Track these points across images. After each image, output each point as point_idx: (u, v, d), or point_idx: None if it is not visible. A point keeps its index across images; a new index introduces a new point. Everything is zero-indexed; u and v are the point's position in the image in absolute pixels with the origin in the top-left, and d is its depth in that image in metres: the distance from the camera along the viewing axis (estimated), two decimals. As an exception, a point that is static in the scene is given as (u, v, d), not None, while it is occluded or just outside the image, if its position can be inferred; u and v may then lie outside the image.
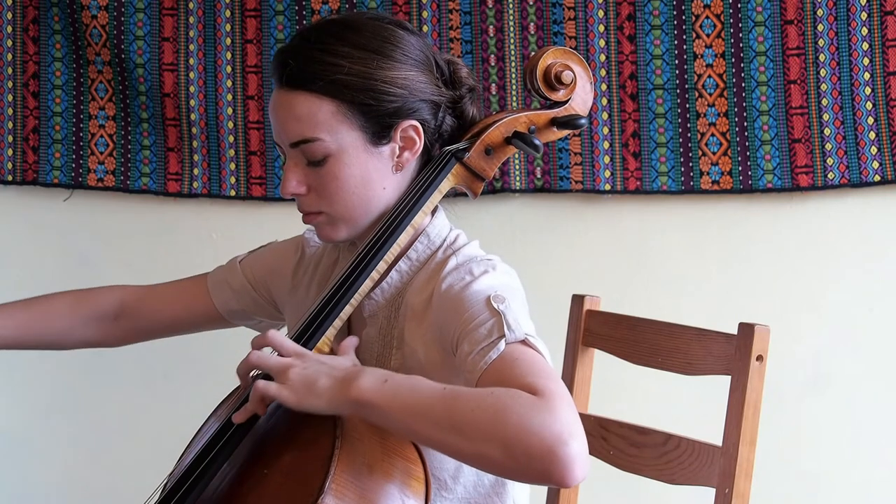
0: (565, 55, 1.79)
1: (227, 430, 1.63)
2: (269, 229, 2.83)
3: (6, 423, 2.92)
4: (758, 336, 1.88)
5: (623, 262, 2.77)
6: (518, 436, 1.44)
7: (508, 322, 1.58)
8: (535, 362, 1.55)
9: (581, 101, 1.81)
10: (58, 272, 2.90)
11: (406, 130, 1.71)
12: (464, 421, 1.47)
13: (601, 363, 2.19)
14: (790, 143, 2.68)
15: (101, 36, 2.79)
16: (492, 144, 1.76)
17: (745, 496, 1.87)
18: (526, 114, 1.78)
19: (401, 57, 1.71)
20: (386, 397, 1.51)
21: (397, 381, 1.53)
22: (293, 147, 1.71)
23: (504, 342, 1.57)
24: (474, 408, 1.47)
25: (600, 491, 2.41)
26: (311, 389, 1.55)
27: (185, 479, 1.62)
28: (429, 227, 1.77)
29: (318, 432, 1.56)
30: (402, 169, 1.73)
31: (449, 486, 1.72)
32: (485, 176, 1.76)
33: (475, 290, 1.63)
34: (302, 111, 1.68)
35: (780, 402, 2.65)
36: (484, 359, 1.56)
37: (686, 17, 2.69)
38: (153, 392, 2.90)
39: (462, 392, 1.50)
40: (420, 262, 1.75)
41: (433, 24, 2.74)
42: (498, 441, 1.45)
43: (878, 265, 2.73)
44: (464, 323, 1.61)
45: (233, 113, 2.80)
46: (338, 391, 1.54)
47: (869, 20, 2.65)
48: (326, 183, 1.71)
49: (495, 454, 1.45)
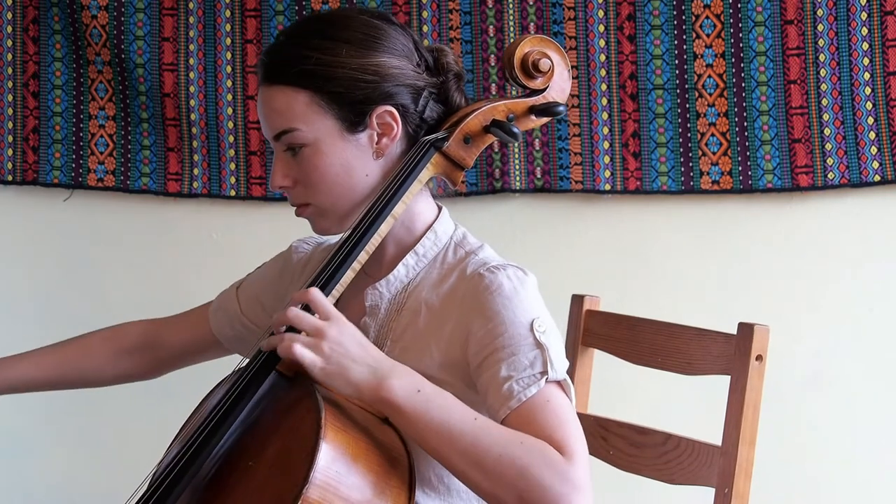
0: (542, 43, 1.80)
1: (213, 419, 1.63)
2: (269, 229, 2.84)
3: (6, 423, 2.92)
4: (757, 336, 1.88)
5: (623, 262, 2.77)
6: (536, 495, 1.52)
7: (552, 359, 1.63)
8: (567, 410, 1.61)
9: (559, 89, 1.82)
10: (58, 272, 2.90)
11: (382, 116, 1.73)
12: (488, 461, 1.53)
13: (601, 363, 2.19)
14: (790, 143, 2.68)
15: (101, 36, 2.79)
16: (470, 133, 1.77)
17: (745, 496, 1.87)
18: (504, 102, 1.79)
19: (374, 45, 1.73)
20: (416, 409, 1.55)
21: (429, 394, 1.56)
22: (276, 140, 1.75)
23: (545, 380, 1.61)
24: (502, 453, 1.53)
25: (600, 491, 2.40)
26: (343, 373, 1.57)
27: (171, 471, 1.62)
28: (436, 223, 1.78)
29: (303, 424, 1.57)
30: (382, 155, 1.75)
31: (434, 485, 1.72)
32: (464, 165, 1.77)
33: (516, 305, 1.65)
34: (279, 104, 1.73)
35: (780, 402, 2.65)
36: (524, 391, 1.60)
37: (686, 17, 2.69)
38: (153, 392, 2.89)
39: (493, 429, 1.55)
40: (427, 258, 1.76)
41: (433, 24, 2.74)
42: (516, 492, 1.52)
43: (878, 265, 2.73)
44: (503, 342, 1.63)
45: (233, 113, 2.80)
46: (368, 384, 1.56)
47: (869, 20, 2.65)
48: (308, 173, 1.73)
49: (508, 499, 1.53)
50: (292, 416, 1.60)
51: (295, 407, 1.60)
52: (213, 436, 1.62)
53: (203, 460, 1.62)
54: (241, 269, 2.87)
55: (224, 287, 2.91)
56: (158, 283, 2.89)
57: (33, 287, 2.92)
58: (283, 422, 1.62)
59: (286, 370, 1.64)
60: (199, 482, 1.62)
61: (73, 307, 2.90)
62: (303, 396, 1.60)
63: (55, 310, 2.91)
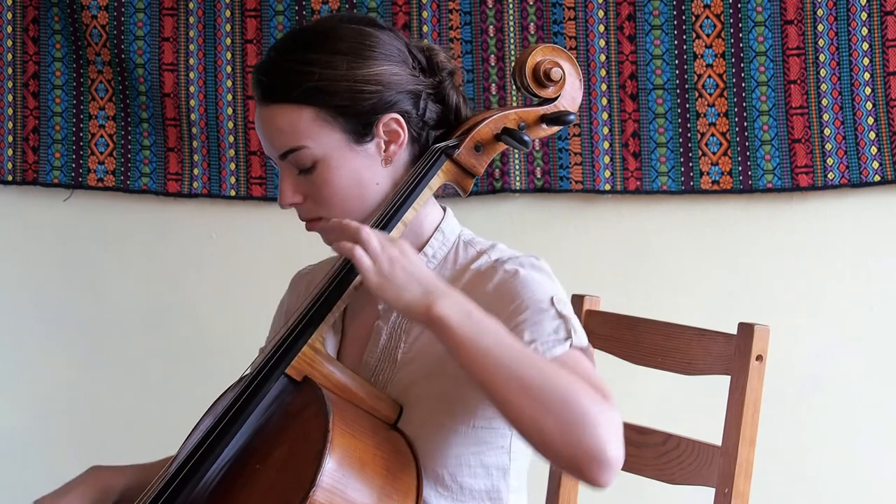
0: (554, 52, 1.80)
1: (221, 423, 1.63)
2: (269, 229, 2.84)
3: (6, 423, 2.92)
4: (757, 336, 1.88)
5: (623, 261, 2.77)
6: (579, 422, 1.50)
7: (575, 328, 1.64)
8: (595, 371, 1.62)
9: (570, 98, 1.82)
10: (58, 272, 2.90)
11: (388, 124, 1.73)
12: (534, 385, 1.52)
13: (601, 363, 2.18)
14: (790, 143, 2.68)
15: (101, 36, 2.79)
16: (482, 141, 1.77)
17: (745, 496, 1.87)
18: (516, 111, 1.79)
19: (370, 54, 1.72)
20: (467, 330, 1.54)
21: (479, 319, 1.55)
22: (282, 159, 1.73)
23: (570, 344, 1.62)
24: (550, 376, 1.52)
25: (600, 491, 2.40)
26: (396, 286, 1.56)
27: (181, 470, 1.62)
28: (442, 224, 1.79)
29: (310, 427, 1.57)
30: (391, 162, 1.75)
31: (446, 484, 1.72)
32: (475, 173, 1.77)
33: (536, 286, 1.67)
34: (283, 123, 1.70)
35: (780, 402, 2.65)
36: (549, 351, 1.61)
37: (686, 17, 2.69)
38: (153, 392, 2.90)
39: (539, 359, 1.55)
40: (437, 259, 1.77)
41: (433, 24, 2.74)
42: (559, 418, 1.50)
43: (878, 265, 2.73)
44: (526, 315, 1.64)
45: (233, 113, 2.80)
46: (419, 302, 1.55)
47: (869, 20, 2.65)
48: (319, 188, 1.72)
49: (551, 428, 1.51)
50: (300, 419, 1.60)
51: (303, 411, 1.60)
52: (221, 439, 1.62)
53: (210, 464, 1.62)
54: (241, 270, 2.88)
55: (224, 287, 2.92)
56: (158, 283, 2.89)
57: (33, 287, 2.92)
58: (290, 425, 1.62)
59: (295, 374, 1.65)
60: (207, 485, 1.62)
61: (73, 307, 2.90)
62: (311, 401, 1.60)
63: (55, 310, 2.91)
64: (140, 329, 2.89)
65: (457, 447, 1.69)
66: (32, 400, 2.94)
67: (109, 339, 2.90)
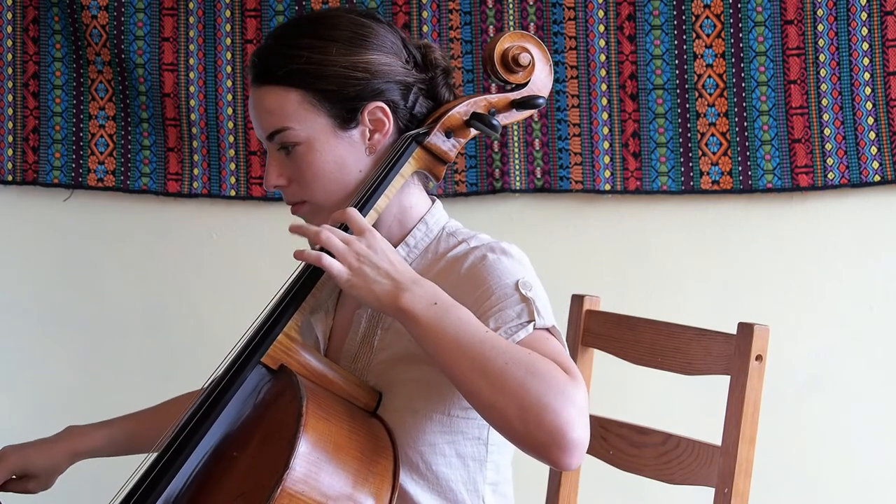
0: (522, 38, 1.83)
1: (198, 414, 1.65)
2: (269, 229, 2.84)
3: (6, 423, 2.92)
4: (757, 336, 1.88)
5: (623, 262, 2.77)
6: (538, 405, 1.52)
7: (538, 309, 1.65)
8: (562, 350, 1.63)
9: (540, 83, 1.85)
10: (58, 272, 2.90)
11: (373, 112, 1.75)
12: (494, 369, 1.55)
13: (601, 363, 2.19)
14: (790, 143, 2.68)
15: (101, 36, 2.79)
16: (451, 127, 1.79)
17: (745, 496, 1.87)
18: (485, 97, 1.82)
19: (363, 42, 1.75)
20: (431, 319, 1.58)
21: (445, 307, 1.60)
22: (269, 140, 1.77)
23: (533, 326, 1.63)
24: (508, 360, 1.55)
25: (600, 491, 2.41)
26: (366, 284, 1.62)
27: (158, 461, 1.65)
28: (427, 215, 1.80)
29: (285, 413, 1.59)
30: (375, 151, 1.77)
31: (421, 472, 1.73)
32: (446, 159, 1.79)
33: (501, 271, 1.68)
34: (271, 104, 1.74)
35: (780, 401, 2.65)
36: (511, 336, 1.62)
37: (686, 17, 2.69)
38: (153, 392, 2.90)
39: (502, 342, 1.58)
40: (419, 249, 1.79)
41: (433, 24, 2.75)
42: (517, 402, 1.53)
43: (878, 265, 2.73)
44: (491, 302, 1.66)
45: (233, 113, 2.80)
46: (388, 295, 1.61)
47: (869, 20, 2.65)
48: (303, 170, 1.75)
49: (510, 412, 1.53)
50: (276, 406, 1.64)
51: (279, 398, 1.63)
52: (198, 430, 1.65)
53: (189, 454, 1.64)
54: (242, 270, 2.88)
55: (224, 287, 2.92)
56: (158, 283, 2.89)
57: (33, 287, 2.92)
58: (266, 412, 1.65)
59: (271, 363, 1.67)
60: (187, 475, 1.64)
61: (73, 307, 2.90)
62: (286, 387, 1.63)
63: (55, 310, 2.91)
64: (140, 329, 2.89)
65: (431, 434, 1.72)
66: (32, 400, 2.93)
67: (109, 339, 2.90)
